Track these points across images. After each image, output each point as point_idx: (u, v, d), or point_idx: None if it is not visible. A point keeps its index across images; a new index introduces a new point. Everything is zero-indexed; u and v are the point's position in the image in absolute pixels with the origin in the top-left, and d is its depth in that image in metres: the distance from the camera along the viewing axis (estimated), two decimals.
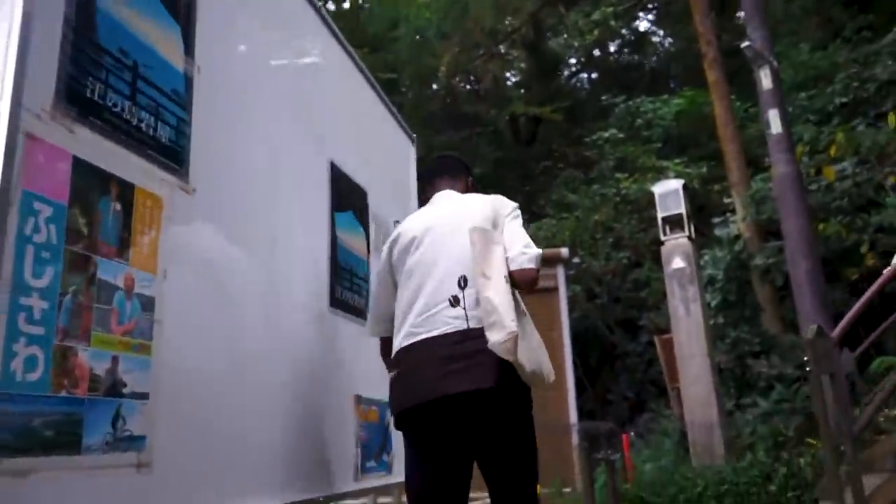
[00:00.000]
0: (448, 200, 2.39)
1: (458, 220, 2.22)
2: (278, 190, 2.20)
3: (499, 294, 2.01)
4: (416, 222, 2.33)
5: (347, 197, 2.77)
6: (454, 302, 2.10)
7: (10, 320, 1.20)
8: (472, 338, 2.04)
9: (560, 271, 8.89)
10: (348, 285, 2.68)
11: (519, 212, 2.31)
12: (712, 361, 7.09)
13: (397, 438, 2.99)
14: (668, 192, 7.57)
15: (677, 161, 12.09)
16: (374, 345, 2.66)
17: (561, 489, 8.28)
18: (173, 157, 1.69)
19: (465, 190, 2.48)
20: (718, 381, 7.09)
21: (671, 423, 8.03)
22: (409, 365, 2.11)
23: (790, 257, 6.79)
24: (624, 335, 13.22)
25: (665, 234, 7.50)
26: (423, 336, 2.09)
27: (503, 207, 2.28)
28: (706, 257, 9.07)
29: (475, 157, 18.67)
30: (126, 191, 1.53)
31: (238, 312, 1.88)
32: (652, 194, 12.83)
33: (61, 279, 1.32)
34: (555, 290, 8.89)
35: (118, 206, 1.50)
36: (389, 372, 2.22)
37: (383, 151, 3.36)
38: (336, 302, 2.55)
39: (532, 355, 2.04)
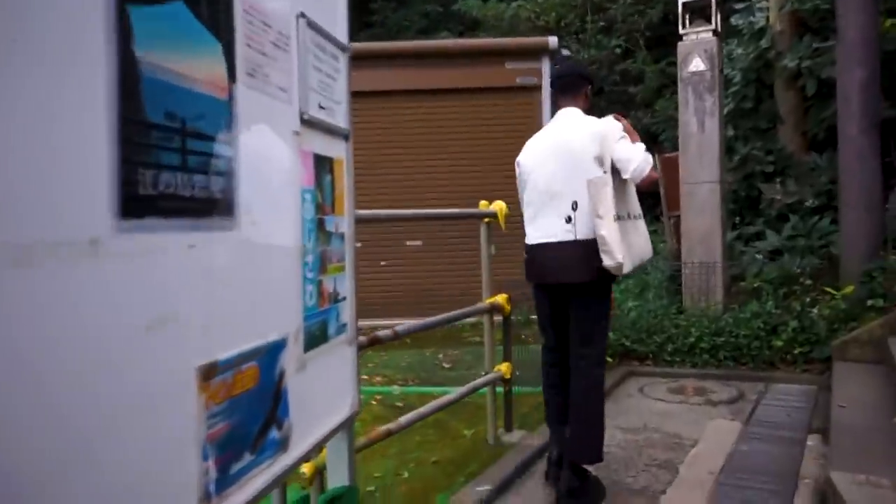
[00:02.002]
0: (566, 126, 3.01)
1: (574, 155, 2.91)
2: None
3: (610, 231, 2.78)
4: (542, 145, 3.06)
5: None
6: (568, 220, 2.91)
7: None
8: (579, 246, 2.90)
9: (545, 66, 7.31)
10: (176, 161, 1.31)
11: (624, 133, 2.88)
12: (723, 190, 5.93)
13: (296, 398, 1.84)
14: None
15: None
16: (253, 260, 1.56)
17: (529, 316, 7.49)
18: None
19: (586, 100, 3.12)
20: (727, 212, 6.00)
21: (660, 252, 7.05)
22: (537, 258, 3.03)
23: (842, 61, 5.38)
24: None
25: (684, 25, 5.93)
26: (546, 241, 2.98)
27: (610, 136, 2.85)
28: None
29: None
30: None
31: None
32: None
33: None
34: (536, 88, 7.39)
35: None
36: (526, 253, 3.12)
37: None
38: (138, 205, 1.19)
39: (633, 259, 2.87)
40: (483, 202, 3.82)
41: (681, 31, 5.93)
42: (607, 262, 2.77)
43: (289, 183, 1.84)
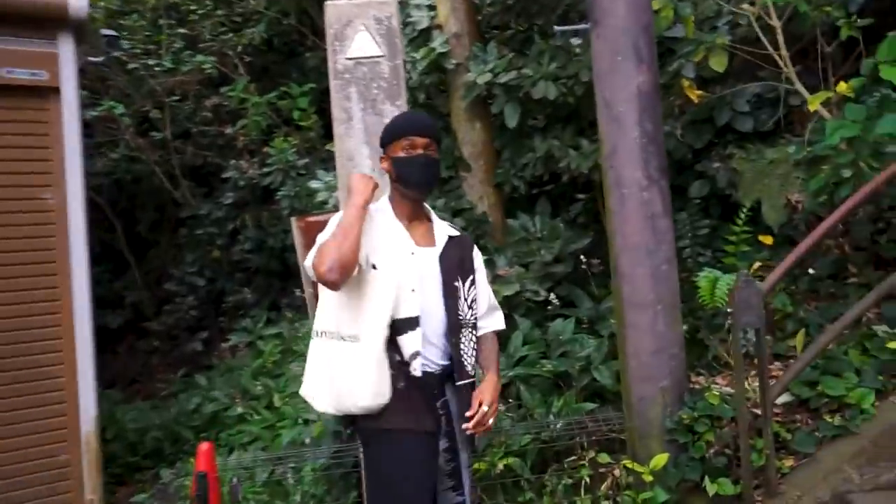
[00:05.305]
0: None
1: None
2: None
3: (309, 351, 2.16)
4: None
5: None
6: None
7: None
8: None
9: (66, 50, 3.83)
10: None
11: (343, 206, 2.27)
12: None
13: None
14: None
15: None
16: None
17: None
18: None
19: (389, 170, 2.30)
20: None
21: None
22: None
23: (606, 59, 3.13)
24: (196, 191, 8.66)
25: None
26: None
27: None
28: None
29: None
30: None
31: None
32: None
33: None
34: (50, 91, 3.83)
35: None
36: None
37: None
38: None
39: (334, 398, 2.00)
40: None
41: None
42: None
43: None
